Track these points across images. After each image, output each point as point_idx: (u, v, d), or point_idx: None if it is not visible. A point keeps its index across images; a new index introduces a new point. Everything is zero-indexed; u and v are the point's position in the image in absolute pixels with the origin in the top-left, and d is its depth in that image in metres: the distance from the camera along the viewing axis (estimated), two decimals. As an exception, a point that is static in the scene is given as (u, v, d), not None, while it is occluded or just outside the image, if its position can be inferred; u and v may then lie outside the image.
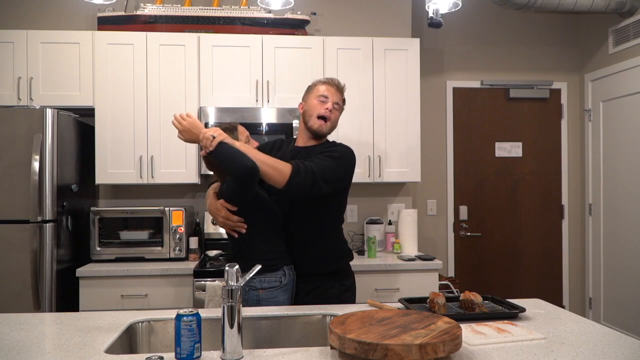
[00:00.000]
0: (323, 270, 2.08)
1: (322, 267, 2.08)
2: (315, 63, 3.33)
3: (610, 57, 3.92)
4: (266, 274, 1.99)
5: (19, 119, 2.78)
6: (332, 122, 2.10)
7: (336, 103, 2.10)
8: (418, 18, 4.01)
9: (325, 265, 2.09)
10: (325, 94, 2.09)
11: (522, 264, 4.19)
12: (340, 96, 2.13)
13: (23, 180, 2.75)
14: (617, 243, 3.84)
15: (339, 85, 2.14)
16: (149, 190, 3.54)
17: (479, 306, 1.73)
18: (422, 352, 1.20)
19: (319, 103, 2.08)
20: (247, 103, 3.27)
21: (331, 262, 2.11)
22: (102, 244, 3.09)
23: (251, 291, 2.00)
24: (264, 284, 2.00)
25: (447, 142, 4.16)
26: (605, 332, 1.54)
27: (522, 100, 4.20)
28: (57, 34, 3.20)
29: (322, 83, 2.13)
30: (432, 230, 4.13)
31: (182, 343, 1.29)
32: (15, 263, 2.75)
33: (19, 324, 1.66)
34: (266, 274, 1.99)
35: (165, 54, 3.23)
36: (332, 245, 2.12)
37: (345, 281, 2.14)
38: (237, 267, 1.38)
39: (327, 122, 2.09)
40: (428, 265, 3.07)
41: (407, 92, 3.41)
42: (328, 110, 2.07)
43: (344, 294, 2.09)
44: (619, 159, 3.83)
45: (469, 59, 4.18)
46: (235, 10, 3.40)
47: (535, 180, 4.22)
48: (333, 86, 2.11)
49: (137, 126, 3.21)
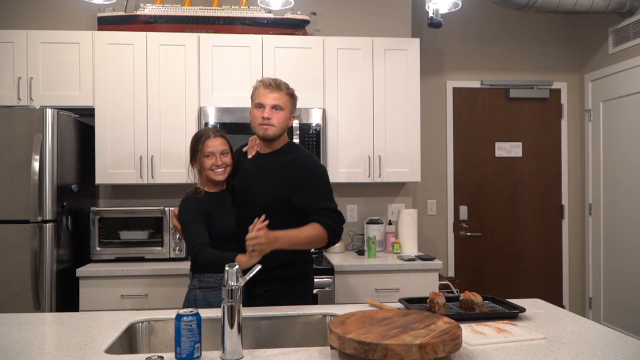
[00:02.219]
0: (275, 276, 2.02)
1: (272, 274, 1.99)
2: (315, 63, 3.33)
3: (610, 57, 3.92)
4: (206, 274, 2.02)
5: (19, 119, 2.78)
6: (279, 124, 2.03)
7: (275, 106, 2.02)
8: (418, 18, 4.01)
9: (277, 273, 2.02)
10: (260, 101, 2.04)
11: (522, 264, 4.19)
12: (280, 94, 2.04)
13: (23, 180, 2.75)
14: (617, 243, 3.84)
15: (272, 85, 2.05)
16: (149, 190, 3.54)
17: (479, 306, 1.73)
18: (422, 352, 1.20)
19: (257, 111, 2.04)
20: (247, 103, 3.22)
21: (283, 270, 2.04)
22: (102, 244, 3.09)
23: (192, 290, 2.04)
24: (203, 283, 2.03)
25: (447, 142, 4.16)
26: (605, 332, 1.54)
27: (522, 100, 4.20)
28: (57, 34, 3.20)
29: (257, 87, 2.07)
30: (432, 230, 4.13)
31: (182, 343, 1.29)
32: (15, 263, 2.75)
33: (19, 324, 1.66)
34: (206, 274, 2.02)
35: (165, 54, 3.23)
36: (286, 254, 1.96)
37: (299, 287, 2.10)
38: (237, 267, 1.38)
39: (271, 126, 2.02)
40: (428, 265, 3.07)
41: (407, 92, 3.41)
42: (266, 119, 2.01)
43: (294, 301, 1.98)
44: (619, 159, 3.82)
45: (469, 59, 4.18)
46: (235, 10, 3.40)
47: (535, 180, 4.22)
48: (267, 88, 2.04)
49: (137, 126, 3.21)
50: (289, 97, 2.08)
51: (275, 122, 2.03)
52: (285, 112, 2.06)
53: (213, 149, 2.07)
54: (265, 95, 2.03)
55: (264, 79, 2.08)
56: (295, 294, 2.07)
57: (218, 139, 2.10)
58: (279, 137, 2.08)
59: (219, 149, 2.07)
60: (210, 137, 2.09)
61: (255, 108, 2.06)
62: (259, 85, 2.08)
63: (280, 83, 2.08)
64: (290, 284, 2.07)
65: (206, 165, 2.07)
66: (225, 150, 2.10)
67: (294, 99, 2.12)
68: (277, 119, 2.03)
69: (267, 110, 2.02)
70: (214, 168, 2.07)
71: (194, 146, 2.11)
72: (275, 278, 2.03)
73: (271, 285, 2.04)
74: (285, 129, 2.09)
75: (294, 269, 2.08)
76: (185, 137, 3.23)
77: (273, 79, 2.08)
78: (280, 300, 1.98)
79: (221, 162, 2.07)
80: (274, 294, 2.03)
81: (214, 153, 2.07)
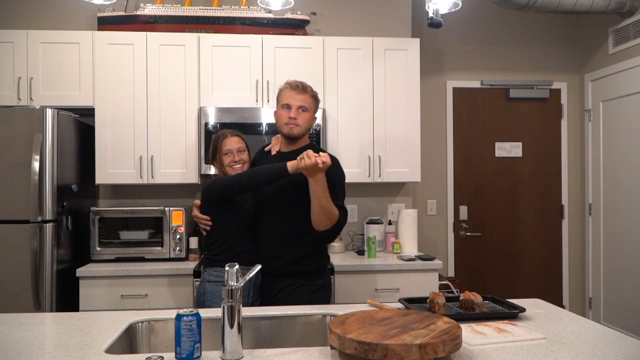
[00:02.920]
0: (292, 270, 2.14)
1: (292, 268, 2.14)
2: (315, 63, 3.33)
3: (610, 57, 3.92)
4: (215, 267, 2.17)
5: (19, 119, 2.78)
6: (304, 124, 2.17)
7: (300, 107, 2.15)
8: (418, 18, 4.01)
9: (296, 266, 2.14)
10: (288, 102, 2.16)
11: (522, 264, 4.19)
12: (305, 97, 2.16)
13: (23, 180, 2.75)
14: (617, 243, 3.84)
15: (299, 87, 2.17)
16: (149, 190, 3.54)
17: (479, 306, 1.73)
18: (422, 352, 1.20)
19: (283, 112, 2.17)
20: (247, 103, 3.27)
21: (302, 264, 2.15)
22: (102, 244, 3.09)
23: (201, 284, 2.19)
24: (212, 277, 2.17)
25: (447, 142, 4.16)
26: (605, 332, 1.54)
27: (522, 100, 4.20)
28: (57, 34, 3.20)
29: (284, 89, 2.20)
30: (432, 230, 4.13)
31: (182, 343, 1.29)
32: (15, 263, 2.75)
33: (19, 324, 1.66)
34: (215, 268, 2.16)
35: (165, 54, 3.23)
36: (304, 248, 2.15)
37: (318, 280, 2.19)
38: (237, 267, 1.38)
39: (296, 126, 2.16)
40: (428, 265, 3.07)
41: (407, 92, 3.41)
42: (292, 119, 2.14)
43: (315, 294, 2.14)
44: (619, 159, 3.82)
45: (469, 59, 4.18)
46: (235, 10, 3.40)
47: (535, 180, 4.22)
48: (294, 90, 2.16)
49: (137, 126, 3.21)
50: (313, 99, 2.21)
51: (301, 122, 2.16)
52: (309, 113, 2.20)
53: (230, 147, 2.28)
54: (292, 97, 2.16)
55: (291, 82, 2.19)
56: (316, 286, 2.16)
57: (234, 137, 2.31)
58: (302, 136, 2.21)
59: (235, 146, 2.28)
60: (228, 137, 2.30)
61: (281, 108, 2.18)
62: (285, 87, 2.20)
63: (306, 86, 2.20)
64: (309, 278, 2.16)
65: (225, 162, 2.28)
66: (241, 147, 2.30)
67: (317, 101, 2.24)
68: (302, 119, 2.17)
69: (294, 111, 2.15)
70: (232, 164, 2.27)
71: (214, 146, 2.33)
72: (294, 272, 2.14)
73: (291, 279, 2.14)
74: (308, 129, 2.23)
75: (311, 263, 2.18)
76: (185, 137, 3.23)
77: (300, 82, 2.19)
78: (300, 293, 2.11)
79: (238, 158, 2.27)
80: (294, 287, 2.13)
81: (232, 151, 2.27)
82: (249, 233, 2.23)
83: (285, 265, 2.14)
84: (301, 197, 2.07)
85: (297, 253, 2.14)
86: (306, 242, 2.13)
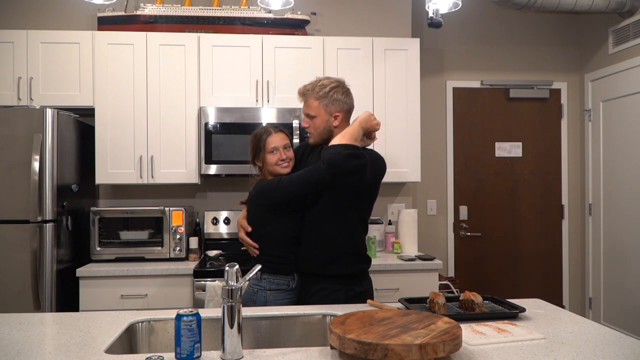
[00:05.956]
0: (329, 272, 2.03)
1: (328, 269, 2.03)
2: (315, 63, 3.33)
3: (610, 57, 3.92)
4: (276, 275, 2.04)
5: (19, 119, 2.78)
6: (315, 130, 2.11)
7: (307, 115, 2.12)
8: (418, 18, 4.01)
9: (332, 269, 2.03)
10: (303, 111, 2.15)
11: (522, 263, 4.19)
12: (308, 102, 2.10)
13: (23, 180, 2.75)
14: (617, 243, 3.84)
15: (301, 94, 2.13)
16: (149, 190, 3.54)
17: (479, 306, 1.73)
18: (422, 352, 1.20)
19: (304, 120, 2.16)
20: (247, 103, 3.27)
21: (339, 267, 2.04)
22: (102, 244, 3.09)
23: (259, 291, 2.04)
24: (273, 285, 2.04)
25: (447, 142, 4.16)
26: (605, 332, 1.54)
27: (522, 100, 4.20)
28: (57, 34, 3.20)
29: None
30: (432, 230, 4.13)
31: (182, 343, 1.29)
32: (15, 263, 2.75)
33: (19, 324, 1.66)
34: (276, 276, 2.04)
35: (165, 54, 3.23)
36: (343, 251, 2.05)
37: (357, 287, 2.06)
38: (237, 267, 1.38)
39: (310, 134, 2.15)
40: (428, 265, 3.07)
41: (407, 92, 3.41)
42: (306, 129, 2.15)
43: (351, 300, 1.99)
44: (619, 159, 3.82)
45: (469, 59, 4.18)
46: (235, 10, 3.40)
47: (535, 180, 4.22)
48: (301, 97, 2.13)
49: (137, 126, 3.21)
50: (318, 100, 2.09)
51: (312, 130, 2.12)
52: (318, 119, 2.09)
53: (276, 144, 2.10)
54: (303, 105, 2.15)
55: (300, 88, 2.14)
56: (353, 293, 2.03)
57: (279, 134, 2.14)
58: (321, 141, 2.12)
59: (281, 143, 2.11)
60: (272, 134, 2.13)
61: None
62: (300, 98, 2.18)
63: (306, 91, 2.12)
64: (345, 283, 2.03)
65: (271, 161, 2.10)
66: (287, 144, 2.14)
67: (325, 99, 2.09)
68: (312, 126, 2.12)
69: (305, 120, 2.14)
70: (279, 163, 2.10)
71: (256, 145, 2.15)
72: (329, 275, 2.03)
73: (325, 282, 2.02)
74: (325, 130, 2.11)
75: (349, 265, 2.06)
76: (185, 137, 3.23)
77: (304, 87, 2.13)
78: (336, 300, 1.97)
79: (285, 156, 2.12)
80: (328, 292, 2.01)
81: (278, 148, 2.10)
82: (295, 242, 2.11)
83: (320, 266, 2.03)
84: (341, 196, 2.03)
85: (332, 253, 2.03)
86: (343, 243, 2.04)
